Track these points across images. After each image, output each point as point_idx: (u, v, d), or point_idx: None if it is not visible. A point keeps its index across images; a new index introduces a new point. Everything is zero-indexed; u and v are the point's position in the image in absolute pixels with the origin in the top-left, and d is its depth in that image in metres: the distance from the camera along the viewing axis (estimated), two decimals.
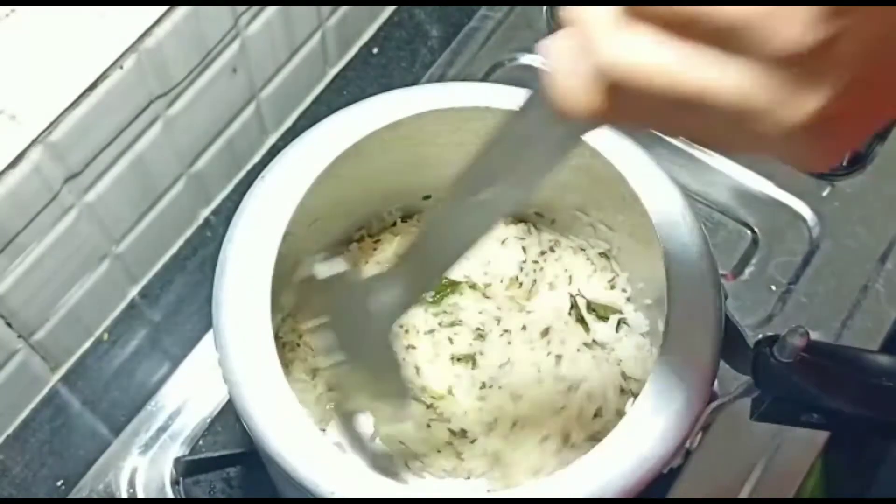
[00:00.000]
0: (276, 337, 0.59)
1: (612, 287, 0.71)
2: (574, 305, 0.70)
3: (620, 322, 0.70)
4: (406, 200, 0.73)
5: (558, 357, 0.68)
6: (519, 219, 0.74)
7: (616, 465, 0.53)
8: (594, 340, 0.69)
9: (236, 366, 0.55)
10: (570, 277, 0.72)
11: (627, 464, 0.53)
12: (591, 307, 0.70)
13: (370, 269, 0.72)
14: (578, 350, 0.68)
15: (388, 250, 0.73)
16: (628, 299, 0.71)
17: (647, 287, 0.68)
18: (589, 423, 0.66)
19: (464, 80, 0.87)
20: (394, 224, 0.74)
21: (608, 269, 0.71)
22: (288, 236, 0.59)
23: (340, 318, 0.57)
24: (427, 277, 0.52)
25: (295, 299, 0.68)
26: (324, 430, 0.67)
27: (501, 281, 0.71)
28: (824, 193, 0.83)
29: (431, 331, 0.69)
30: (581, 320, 0.70)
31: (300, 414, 0.54)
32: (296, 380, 0.68)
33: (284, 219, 0.59)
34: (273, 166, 0.62)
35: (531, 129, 0.40)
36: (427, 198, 0.73)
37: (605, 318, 0.70)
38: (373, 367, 0.58)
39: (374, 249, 0.73)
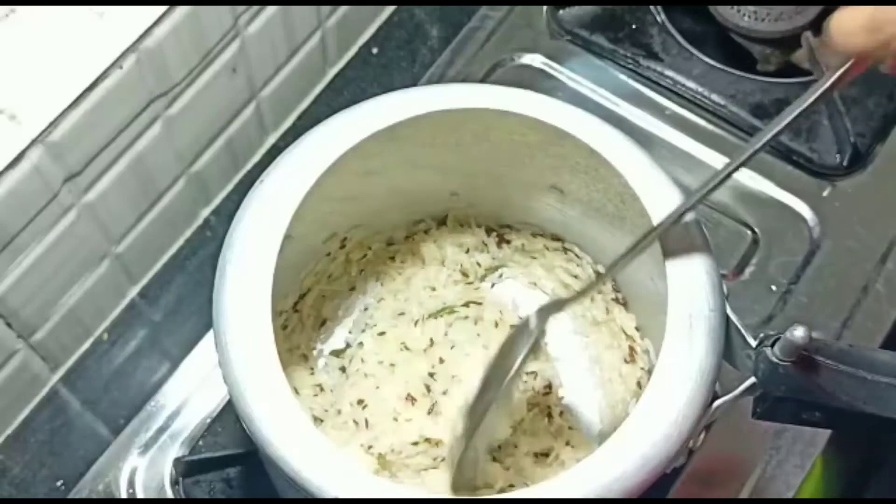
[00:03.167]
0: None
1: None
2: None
3: None
4: (405, 200, 0.73)
5: None
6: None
7: (619, 465, 0.53)
8: None
9: (237, 368, 0.55)
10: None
11: (631, 464, 0.53)
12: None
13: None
14: None
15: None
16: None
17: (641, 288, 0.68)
18: None
19: (464, 80, 0.87)
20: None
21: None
22: (288, 238, 0.58)
23: None
24: None
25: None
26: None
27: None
28: (824, 193, 0.83)
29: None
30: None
31: (301, 416, 0.54)
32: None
33: (285, 221, 0.58)
34: (273, 168, 0.61)
35: None
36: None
37: None
38: None
39: (363, 257, 0.74)
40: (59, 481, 0.72)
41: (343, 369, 0.72)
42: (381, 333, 0.72)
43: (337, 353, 0.73)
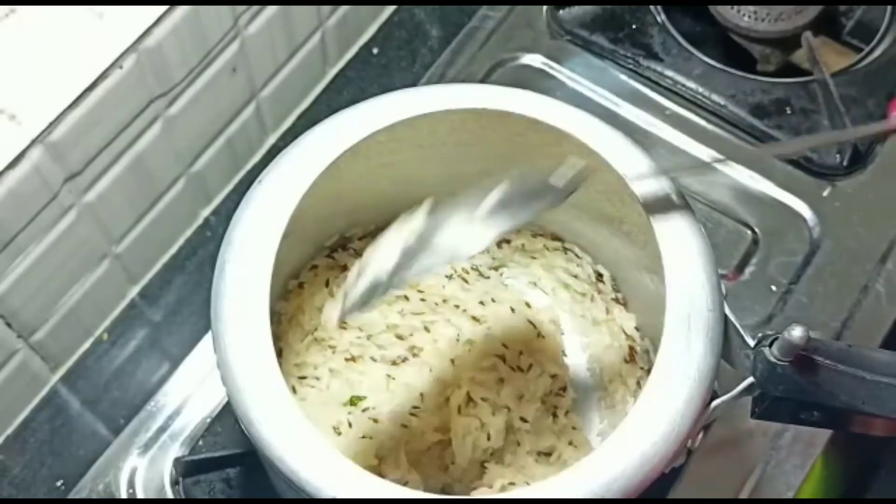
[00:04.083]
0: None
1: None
2: None
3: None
4: (404, 200, 0.72)
5: None
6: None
7: (618, 464, 0.53)
8: None
9: (235, 369, 0.55)
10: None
11: (629, 464, 0.53)
12: None
13: None
14: None
15: None
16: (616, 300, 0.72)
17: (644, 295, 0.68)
18: None
19: (464, 80, 0.87)
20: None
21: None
22: (287, 238, 0.59)
23: None
24: None
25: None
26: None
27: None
28: (824, 193, 0.83)
29: None
30: None
31: (299, 417, 0.54)
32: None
33: (283, 220, 0.58)
34: (272, 167, 0.61)
35: None
36: None
37: None
38: None
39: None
40: (59, 481, 0.73)
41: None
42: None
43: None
